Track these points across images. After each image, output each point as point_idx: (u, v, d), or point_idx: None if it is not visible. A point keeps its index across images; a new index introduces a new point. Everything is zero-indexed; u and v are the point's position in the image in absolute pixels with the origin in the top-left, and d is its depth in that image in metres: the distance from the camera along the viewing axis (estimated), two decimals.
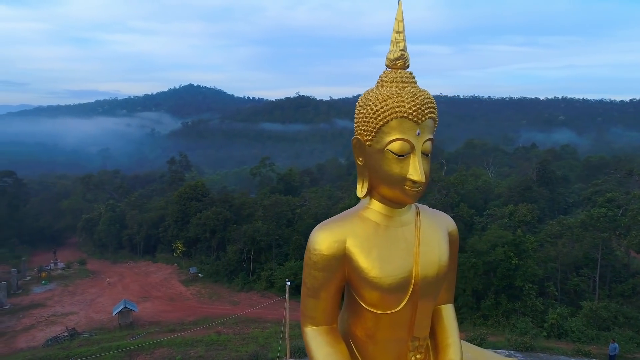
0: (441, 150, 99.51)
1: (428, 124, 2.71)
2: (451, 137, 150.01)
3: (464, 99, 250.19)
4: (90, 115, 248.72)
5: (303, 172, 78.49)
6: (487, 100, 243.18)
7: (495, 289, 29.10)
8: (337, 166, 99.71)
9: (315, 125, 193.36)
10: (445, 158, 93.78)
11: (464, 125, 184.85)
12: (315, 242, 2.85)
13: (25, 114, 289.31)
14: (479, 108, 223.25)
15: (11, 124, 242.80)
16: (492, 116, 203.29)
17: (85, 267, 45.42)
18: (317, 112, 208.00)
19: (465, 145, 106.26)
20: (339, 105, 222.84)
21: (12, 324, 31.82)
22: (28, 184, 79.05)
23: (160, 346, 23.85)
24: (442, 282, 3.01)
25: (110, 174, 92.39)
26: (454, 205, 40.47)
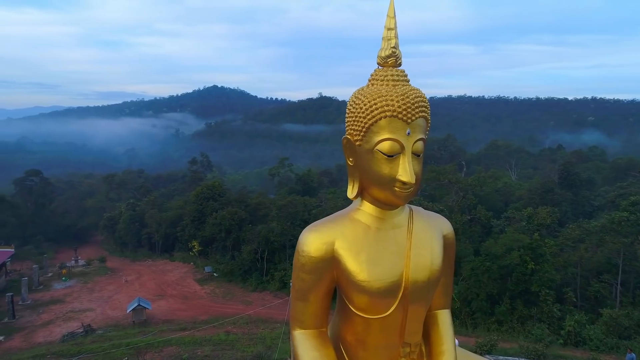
0: (463, 152, 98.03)
1: (419, 124, 2.64)
2: (475, 138, 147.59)
3: (489, 99, 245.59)
4: (118, 116, 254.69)
5: (322, 172, 78.40)
6: (513, 101, 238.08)
7: (511, 294, 28.33)
8: None
9: (337, 126, 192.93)
10: (467, 159, 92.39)
11: (488, 126, 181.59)
12: (304, 243, 2.82)
13: (56, 115, 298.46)
14: (505, 109, 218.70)
15: (43, 125, 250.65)
16: (518, 117, 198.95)
17: (105, 264, 46.43)
18: (339, 113, 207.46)
19: (488, 147, 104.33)
20: None
21: (31, 319, 32.68)
22: (55, 182, 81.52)
23: (169, 344, 24.09)
24: (434, 286, 2.93)
25: (134, 173, 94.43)
26: (471, 208, 39.69)
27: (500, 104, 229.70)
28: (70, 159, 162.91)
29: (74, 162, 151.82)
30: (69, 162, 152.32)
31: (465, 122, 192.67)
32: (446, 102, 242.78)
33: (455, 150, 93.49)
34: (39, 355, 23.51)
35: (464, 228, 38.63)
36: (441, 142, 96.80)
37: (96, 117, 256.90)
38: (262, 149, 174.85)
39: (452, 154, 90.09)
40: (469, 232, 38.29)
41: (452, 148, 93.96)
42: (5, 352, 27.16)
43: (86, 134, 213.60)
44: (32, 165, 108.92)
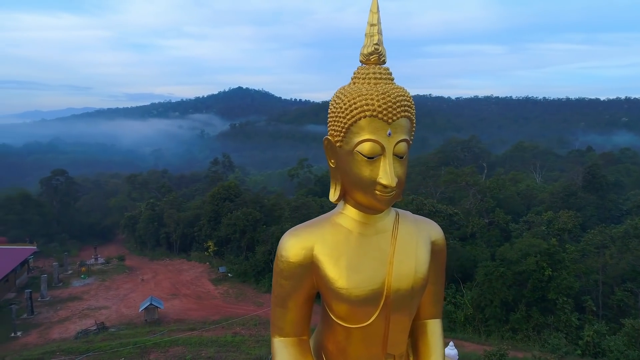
0: (488, 153, 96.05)
1: (401, 124, 2.53)
2: (501, 140, 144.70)
3: (517, 100, 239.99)
4: (145, 118, 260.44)
5: None
6: (542, 102, 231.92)
7: (527, 301, 27.31)
8: None
9: None
10: (492, 161, 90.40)
11: (516, 127, 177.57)
12: (282, 248, 2.73)
13: (87, 116, 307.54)
14: (533, 109, 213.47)
15: (74, 126, 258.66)
16: (547, 118, 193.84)
17: (124, 263, 47.22)
18: None
19: (514, 148, 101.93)
20: None
21: (49, 315, 33.44)
22: (82, 182, 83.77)
23: (175, 345, 24.18)
24: (419, 295, 2.79)
25: (158, 173, 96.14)
26: (489, 211, 38.64)
27: (529, 105, 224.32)
28: (100, 159, 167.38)
29: (103, 162, 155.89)
30: (98, 162, 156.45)
31: (492, 123, 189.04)
32: (472, 103, 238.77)
33: (479, 152, 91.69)
34: (49, 352, 23.96)
35: (482, 232, 37.68)
36: (464, 143, 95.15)
37: (125, 118, 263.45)
38: (285, 150, 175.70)
39: (476, 156, 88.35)
40: (486, 236, 37.31)
41: (476, 149, 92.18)
42: (22, 347, 27.84)
43: (115, 135, 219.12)
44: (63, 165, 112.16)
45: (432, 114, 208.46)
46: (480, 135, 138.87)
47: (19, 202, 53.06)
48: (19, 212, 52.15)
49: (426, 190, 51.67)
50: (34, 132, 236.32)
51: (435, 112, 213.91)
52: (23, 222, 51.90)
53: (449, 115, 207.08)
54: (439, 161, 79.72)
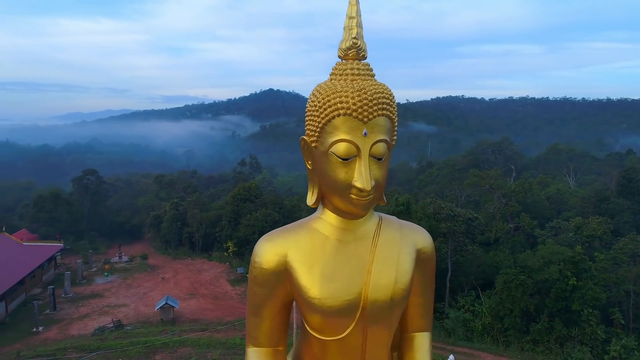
0: (520, 155, 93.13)
1: (378, 123, 2.36)
2: (537, 142, 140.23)
3: (554, 100, 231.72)
4: (179, 119, 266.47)
5: None
6: (580, 102, 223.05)
7: (549, 311, 25.89)
8: (406, 170, 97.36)
9: None
10: (525, 164, 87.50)
11: (552, 129, 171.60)
12: (255, 254, 2.61)
13: (124, 117, 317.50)
14: (571, 110, 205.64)
15: (112, 127, 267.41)
16: (585, 119, 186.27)
17: (146, 261, 48.03)
18: None
19: (548, 150, 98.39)
20: (415, 108, 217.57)
21: (70, 311, 34.29)
22: (115, 182, 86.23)
23: (184, 345, 24.20)
24: (399, 307, 2.61)
25: (188, 173, 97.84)
26: (514, 216, 37.10)
27: (567, 106, 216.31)
28: (134, 159, 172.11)
29: (137, 162, 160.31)
30: (132, 162, 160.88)
31: (527, 125, 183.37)
32: (506, 104, 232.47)
33: (511, 154, 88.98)
34: (62, 348, 24.44)
35: (506, 237, 36.23)
36: (496, 145, 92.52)
37: (159, 120, 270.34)
38: None
39: (508, 158, 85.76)
40: (511, 242, 35.82)
41: (508, 152, 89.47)
42: (41, 342, 28.60)
43: (149, 136, 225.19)
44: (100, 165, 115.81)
45: (465, 116, 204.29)
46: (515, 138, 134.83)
47: (50, 200, 54.90)
48: (49, 210, 53.97)
49: (451, 193, 50.33)
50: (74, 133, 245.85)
51: (467, 113, 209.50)
52: (53, 220, 53.68)
53: (482, 117, 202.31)
54: (468, 164, 77.75)
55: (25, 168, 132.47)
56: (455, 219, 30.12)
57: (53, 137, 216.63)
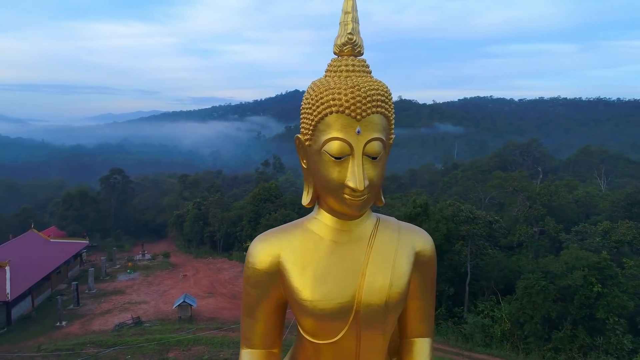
0: (550, 157, 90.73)
1: (373, 121, 2.29)
2: (567, 144, 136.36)
3: (587, 101, 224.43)
4: (206, 120, 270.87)
5: (389, 177, 76.52)
6: (615, 103, 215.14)
7: (572, 319, 24.92)
8: (430, 172, 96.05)
9: (416, 129, 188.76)
10: (554, 166, 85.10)
11: (584, 130, 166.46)
12: (249, 254, 2.59)
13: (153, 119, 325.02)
14: (606, 111, 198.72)
15: (142, 128, 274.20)
16: (621, 120, 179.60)
17: (168, 259, 48.80)
18: (419, 116, 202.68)
19: (579, 152, 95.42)
20: (442, 109, 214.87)
21: (93, 307, 35.10)
22: (142, 181, 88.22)
23: (198, 344, 24.37)
24: (394, 311, 2.53)
25: (213, 174, 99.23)
26: (538, 219, 35.96)
27: (600, 106, 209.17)
28: (162, 159, 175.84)
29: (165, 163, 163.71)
30: (160, 162, 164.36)
31: (558, 126, 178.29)
32: (536, 105, 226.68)
33: (539, 156, 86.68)
34: (81, 343, 25.00)
35: (530, 241, 35.17)
36: (524, 147, 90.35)
37: (187, 121, 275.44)
38: None
39: (536, 160, 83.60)
40: (534, 247, 34.73)
41: (537, 153, 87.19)
42: (64, 336, 29.35)
43: (177, 137, 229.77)
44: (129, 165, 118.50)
45: (493, 117, 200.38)
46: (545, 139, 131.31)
47: (78, 198, 56.50)
48: (77, 208, 55.54)
49: (474, 195, 49.27)
50: (106, 133, 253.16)
51: (495, 114, 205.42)
52: (81, 217, 55.21)
53: (510, 118, 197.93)
54: (495, 165, 76.09)
55: (58, 167, 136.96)
56: (475, 221, 29.37)
57: (86, 138, 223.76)
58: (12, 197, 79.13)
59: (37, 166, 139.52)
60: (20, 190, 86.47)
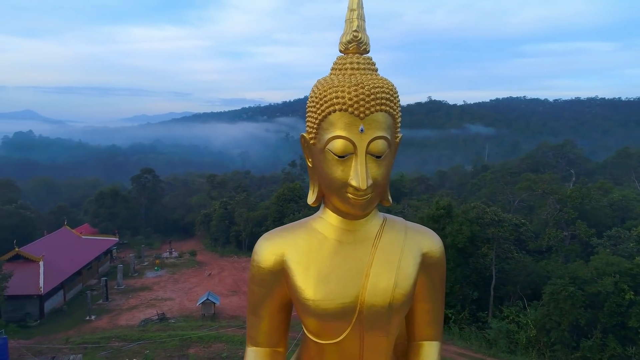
0: (585, 159, 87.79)
1: (376, 119, 2.27)
2: (605, 145, 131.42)
3: (627, 101, 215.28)
4: (236, 121, 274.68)
5: (416, 178, 75.64)
6: None
7: (602, 327, 23.92)
8: (459, 174, 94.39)
9: (446, 130, 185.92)
10: (590, 168, 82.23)
11: (624, 132, 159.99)
12: (254, 252, 2.60)
13: (185, 120, 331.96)
14: None
15: (174, 129, 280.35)
16: None
17: (195, 258, 49.70)
18: (449, 117, 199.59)
19: (617, 154, 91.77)
20: (472, 109, 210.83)
21: (121, 302, 36.10)
22: (172, 181, 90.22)
23: (218, 341, 24.68)
24: (399, 313, 2.49)
25: (241, 174, 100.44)
26: (569, 223, 34.74)
27: None
28: (193, 159, 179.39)
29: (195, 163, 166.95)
30: (191, 162, 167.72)
31: (595, 127, 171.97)
32: (573, 105, 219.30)
33: (574, 158, 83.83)
34: (106, 337, 25.72)
35: (559, 246, 34.03)
36: (557, 148, 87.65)
37: (217, 122, 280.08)
38: None
39: (571, 162, 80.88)
40: (564, 251, 33.59)
41: (571, 155, 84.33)
42: (92, 330, 30.30)
43: (208, 137, 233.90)
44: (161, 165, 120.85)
45: (526, 117, 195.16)
46: (581, 141, 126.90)
47: (109, 197, 58.25)
48: (109, 206, 57.25)
49: (503, 198, 48.09)
50: (139, 134, 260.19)
51: (529, 115, 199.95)
52: (112, 215, 56.88)
53: (544, 119, 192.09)
54: (526, 167, 74.08)
55: (94, 167, 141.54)
56: (501, 224, 28.62)
57: (120, 138, 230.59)
58: (49, 195, 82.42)
59: (74, 165, 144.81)
60: (58, 188, 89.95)
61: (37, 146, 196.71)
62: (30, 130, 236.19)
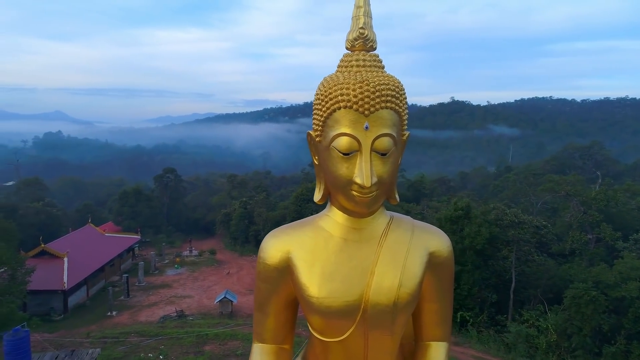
0: (613, 161, 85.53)
1: (382, 116, 2.28)
2: (635, 146, 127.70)
3: None
4: (258, 122, 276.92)
5: (437, 180, 74.83)
6: None
7: (627, 333, 23.18)
8: (482, 175, 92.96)
9: (469, 131, 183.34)
10: (619, 170, 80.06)
11: None
12: (261, 249, 2.65)
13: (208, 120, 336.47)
14: None
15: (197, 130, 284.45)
16: None
17: (214, 256, 50.28)
18: (472, 118, 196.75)
19: None
20: (497, 110, 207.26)
21: (141, 299, 36.76)
22: (194, 181, 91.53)
23: (234, 338, 24.88)
24: (404, 313, 2.48)
25: (262, 174, 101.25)
26: (593, 226, 33.80)
27: None
28: (215, 160, 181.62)
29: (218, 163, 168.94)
30: (213, 162, 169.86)
31: (625, 128, 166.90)
32: (602, 105, 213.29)
33: (602, 160, 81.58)
34: (126, 332, 26.22)
35: (583, 249, 33.14)
36: (584, 150, 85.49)
37: (239, 123, 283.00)
38: None
39: (598, 164, 78.73)
40: (588, 255, 32.68)
41: (599, 157, 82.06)
42: (113, 325, 30.94)
43: (230, 138, 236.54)
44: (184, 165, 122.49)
45: (552, 118, 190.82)
46: (610, 142, 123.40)
47: (132, 196, 59.48)
48: (132, 205, 58.46)
49: (525, 199, 47.13)
50: (163, 134, 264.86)
51: (555, 115, 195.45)
52: (135, 213, 58.07)
53: (572, 119, 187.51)
54: (551, 169, 72.49)
55: (120, 166, 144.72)
56: (521, 226, 28.04)
57: (145, 139, 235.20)
58: (77, 194, 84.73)
59: (101, 165, 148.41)
60: (85, 187, 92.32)
61: (66, 146, 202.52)
62: (60, 130, 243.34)
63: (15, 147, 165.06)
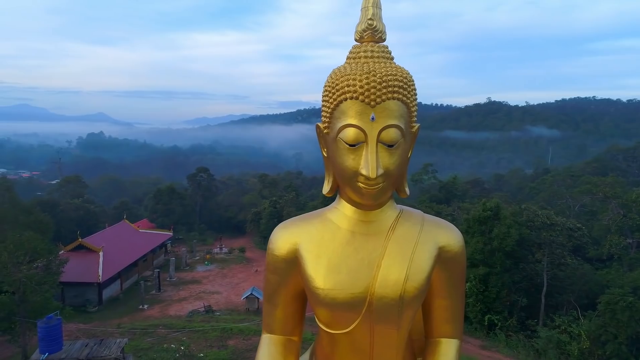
0: None
1: (389, 107, 2.26)
2: None
3: None
4: (291, 123, 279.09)
5: (470, 181, 73.23)
6: None
7: None
8: (518, 177, 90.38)
9: (506, 132, 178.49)
10: None
11: None
12: (270, 241, 2.69)
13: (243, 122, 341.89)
14: None
15: (232, 130, 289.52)
16: None
17: (244, 254, 50.98)
18: (509, 119, 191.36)
19: None
20: (535, 111, 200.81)
21: (172, 294, 37.69)
22: (227, 180, 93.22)
23: (258, 334, 25.05)
24: (411, 307, 2.45)
25: (293, 174, 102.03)
26: (634, 229, 32.23)
27: None
28: (249, 160, 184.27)
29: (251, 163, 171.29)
30: (247, 163, 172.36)
31: None
32: None
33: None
34: (154, 325, 26.97)
35: (623, 254, 31.66)
36: (629, 151, 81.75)
37: (273, 124, 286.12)
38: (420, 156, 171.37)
39: None
40: (628, 260, 31.20)
41: None
42: (144, 318, 31.88)
43: (264, 139, 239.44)
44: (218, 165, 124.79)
45: (595, 119, 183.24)
46: None
47: (166, 194, 61.12)
48: (166, 202, 60.08)
49: (562, 202, 45.45)
50: (199, 135, 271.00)
51: (599, 116, 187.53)
52: (169, 211, 59.64)
53: (616, 120, 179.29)
54: (592, 171, 69.60)
55: (157, 166, 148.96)
56: (553, 228, 27.03)
57: (182, 140, 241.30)
58: (115, 192, 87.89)
59: (139, 165, 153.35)
60: (123, 185, 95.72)
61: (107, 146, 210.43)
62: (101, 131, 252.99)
63: (60, 147, 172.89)
